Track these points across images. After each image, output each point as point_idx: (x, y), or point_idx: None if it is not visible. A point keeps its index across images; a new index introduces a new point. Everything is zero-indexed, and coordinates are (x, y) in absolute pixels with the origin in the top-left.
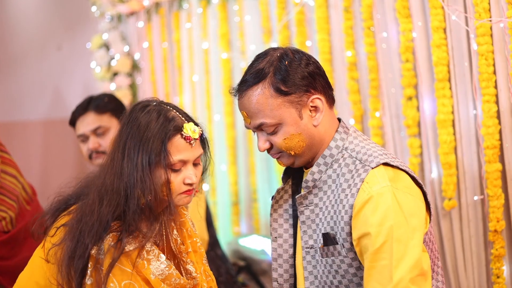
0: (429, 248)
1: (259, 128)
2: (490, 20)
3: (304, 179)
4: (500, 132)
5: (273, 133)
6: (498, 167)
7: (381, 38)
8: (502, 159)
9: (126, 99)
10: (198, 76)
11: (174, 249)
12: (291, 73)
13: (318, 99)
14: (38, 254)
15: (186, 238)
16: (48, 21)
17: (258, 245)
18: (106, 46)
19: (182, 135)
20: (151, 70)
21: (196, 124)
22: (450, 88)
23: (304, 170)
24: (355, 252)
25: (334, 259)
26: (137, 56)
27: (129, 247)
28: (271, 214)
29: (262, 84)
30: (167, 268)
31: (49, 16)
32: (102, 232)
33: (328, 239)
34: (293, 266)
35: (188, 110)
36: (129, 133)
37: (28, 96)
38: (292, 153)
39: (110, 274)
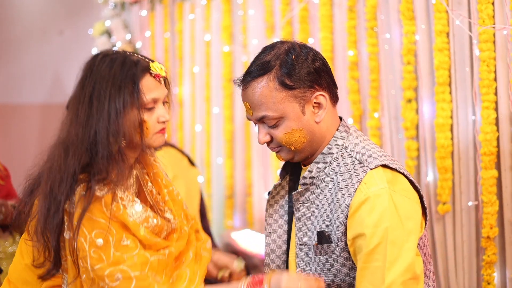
0: (423, 252)
1: (260, 121)
2: (494, 27)
3: (302, 176)
4: (498, 139)
5: (275, 126)
6: (494, 174)
7: (383, 39)
8: (498, 166)
9: None
10: (198, 68)
11: (150, 201)
12: (297, 68)
13: (322, 96)
14: (23, 238)
15: (162, 187)
16: (51, 5)
17: (251, 240)
18: (108, 33)
19: (151, 73)
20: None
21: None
22: (450, 93)
23: (303, 167)
24: (348, 252)
25: (328, 257)
26: (138, 44)
27: (100, 192)
28: (266, 209)
29: (267, 76)
30: (143, 210)
31: (51, 1)
32: (72, 184)
33: (323, 238)
34: (286, 262)
35: (187, 101)
36: (94, 83)
37: (27, 79)
38: (292, 148)
39: (81, 226)
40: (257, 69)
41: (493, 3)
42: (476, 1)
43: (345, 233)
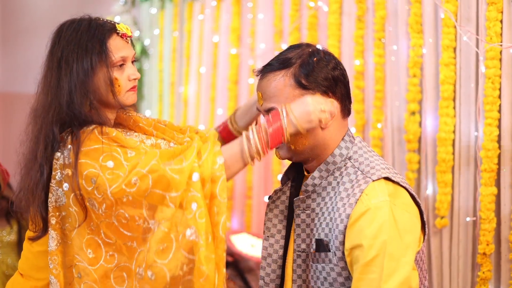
0: (419, 267)
1: (268, 112)
2: (501, 45)
3: (304, 182)
4: (499, 156)
5: None
6: (493, 191)
7: (390, 51)
8: (498, 183)
9: None
10: (205, 68)
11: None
12: (316, 70)
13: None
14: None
15: (145, 128)
16: None
17: (248, 243)
18: None
19: (118, 33)
20: (159, 57)
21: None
22: (454, 108)
23: (306, 174)
24: (345, 262)
25: (324, 266)
26: (147, 42)
27: (88, 128)
28: (266, 213)
29: (285, 71)
30: (135, 135)
31: None
32: (52, 144)
33: (321, 246)
34: (281, 267)
35: (192, 101)
36: (63, 47)
37: (34, 69)
38: (293, 147)
39: (85, 160)
40: (277, 63)
41: (501, 21)
42: (485, 18)
43: (343, 243)
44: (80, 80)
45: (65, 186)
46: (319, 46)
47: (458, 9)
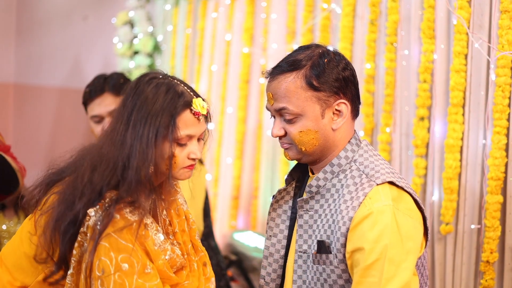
0: (420, 273)
1: (279, 112)
2: None
3: (308, 183)
4: (506, 165)
5: (291, 122)
6: (499, 199)
7: (402, 55)
8: (504, 192)
9: None
10: (217, 66)
11: (162, 230)
12: (327, 71)
13: (344, 104)
14: (26, 227)
15: (174, 217)
16: None
17: (252, 242)
18: (131, 23)
19: (191, 110)
20: (172, 53)
21: (204, 100)
22: (463, 115)
23: (310, 175)
24: (346, 265)
25: (325, 267)
26: (160, 38)
27: (132, 217)
28: (269, 213)
29: (296, 73)
30: (164, 241)
31: None
32: (95, 199)
33: (322, 247)
34: (282, 267)
35: None
36: (135, 105)
37: (47, 62)
38: (303, 149)
39: (109, 248)
40: (287, 65)
41: None
42: (497, 26)
43: (344, 245)
44: (142, 147)
45: (83, 249)
46: (329, 47)
47: (471, 16)
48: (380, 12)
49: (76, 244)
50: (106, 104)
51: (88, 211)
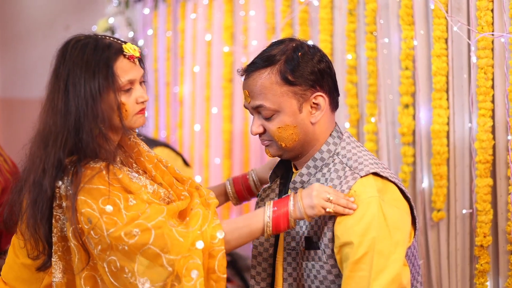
0: (411, 263)
1: (256, 110)
2: (492, 34)
3: (292, 180)
4: (493, 147)
5: (270, 119)
6: (489, 182)
7: (382, 44)
8: (493, 175)
9: None
10: (199, 67)
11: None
12: (301, 65)
13: (321, 97)
14: (15, 241)
15: (146, 164)
16: (57, 1)
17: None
18: (112, 30)
19: (125, 55)
20: (154, 57)
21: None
22: (447, 99)
23: (294, 171)
24: (335, 260)
25: (314, 264)
26: (141, 42)
27: (96, 164)
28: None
29: (271, 69)
30: (139, 177)
31: None
32: (58, 172)
33: (310, 243)
34: (272, 265)
35: (187, 101)
36: (68, 70)
37: (32, 74)
38: (283, 144)
39: (85, 198)
40: (262, 61)
41: (492, 10)
42: (475, 8)
43: (332, 240)
44: (89, 106)
45: (65, 217)
46: (310, 42)
47: (449, 0)
48: (358, 2)
49: (53, 221)
50: None
51: (56, 184)
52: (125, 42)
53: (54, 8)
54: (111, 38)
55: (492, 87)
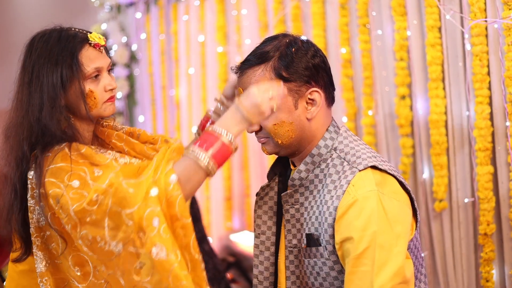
0: (414, 255)
1: None
2: (485, 21)
3: (290, 177)
4: (492, 134)
5: None
6: (489, 169)
7: (376, 36)
8: (494, 162)
9: (123, 90)
10: (194, 69)
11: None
12: (295, 61)
13: (317, 93)
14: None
15: (117, 143)
16: (50, 10)
17: (249, 241)
18: (105, 36)
19: (90, 44)
20: (148, 61)
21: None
22: (444, 88)
23: (292, 168)
24: (337, 256)
25: (316, 260)
26: (134, 47)
27: (59, 146)
28: (255, 211)
29: (264, 66)
30: (108, 152)
31: (50, 4)
32: (24, 163)
33: (312, 240)
34: (274, 264)
35: (184, 103)
36: (34, 62)
37: None
38: (279, 141)
39: (50, 179)
40: (255, 58)
41: None
42: None
43: (333, 236)
44: (50, 96)
45: (42, 205)
46: (303, 37)
47: None
48: None
49: (29, 213)
50: None
51: (28, 175)
52: (90, 32)
53: (46, 17)
54: (77, 29)
55: (488, 73)
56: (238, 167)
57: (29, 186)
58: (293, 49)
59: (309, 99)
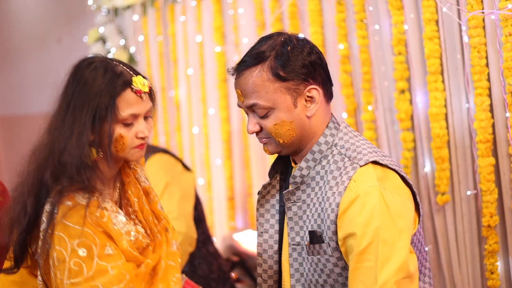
0: (417, 249)
1: (251, 109)
2: (482, 12)
3: (292, 174)
4: (493, 125)
5: (265, 117)
6: (491, 161)
7: (373, 31)
8: (495, 153)
9: None
10: (192, 70)
11: (125, 211)
12: (291, 59)
13: (315, 90)
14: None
15: (132, 196)
16: (48, 14)
17: (253, 240)
18: (103, 39)
19: (132, 89)
20: (147, 63)
21: (144, 78)
22: (443, 81)
23: (293, 165)
24: (340, 252)
25: (320, 257)
26: (132, 49)
27: (82, 200)
28: (257, 209)
29: (261, 66)
30: (126, 222)
31: (48, 9)
32: (40, 192)
33: (315, 237)
34: (278, 262)
35: (183, 104)
36: (74, 90)
37: (28, 89)
38: (281, 141)
39: (61, 235)
40: (251, 59)
41: None
42: None
43: (336, 233)
44: (79, 132)
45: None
46: (301, 35)
47: None
48: None
49: (40, 243)
50: None
51: (45, 208)
52: (137, 74)
53: (44, 22)
54: (124, 67)
55: (487, 65)
56: (240, 167)
57: (43, 217)
58: (289, 48)
59: (307, 96)
